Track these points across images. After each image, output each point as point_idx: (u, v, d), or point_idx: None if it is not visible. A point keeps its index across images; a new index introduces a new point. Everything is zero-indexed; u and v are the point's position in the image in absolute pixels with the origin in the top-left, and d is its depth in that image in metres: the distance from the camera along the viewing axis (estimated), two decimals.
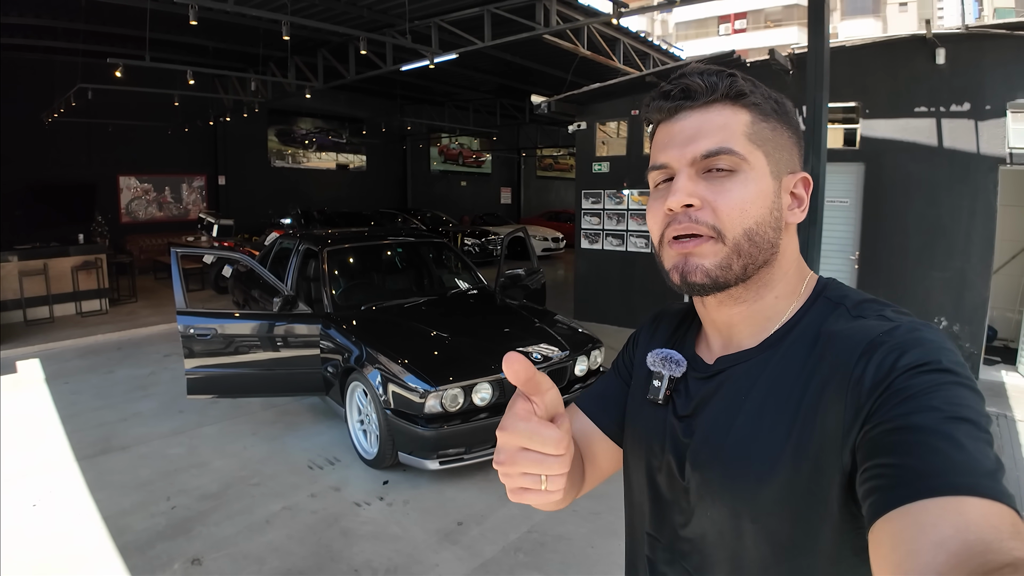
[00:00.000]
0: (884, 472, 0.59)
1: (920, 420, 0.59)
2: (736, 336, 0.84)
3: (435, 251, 6.80)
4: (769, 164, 0.78)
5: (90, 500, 3.91)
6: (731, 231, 0.76)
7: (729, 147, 0.76)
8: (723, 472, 0.77)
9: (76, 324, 8.68)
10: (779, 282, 0.81)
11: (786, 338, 0.78)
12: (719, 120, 0.78)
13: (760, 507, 0.73)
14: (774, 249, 0.79)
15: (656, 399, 0.90)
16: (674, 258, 0.80)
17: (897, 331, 0.68)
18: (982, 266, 6.30)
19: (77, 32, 10.46)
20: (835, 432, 0.67)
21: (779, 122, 0.81)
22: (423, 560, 3.34)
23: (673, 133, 0.80)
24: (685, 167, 0.78)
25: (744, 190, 0.76)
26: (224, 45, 11.87)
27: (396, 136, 21.47)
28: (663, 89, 0.81)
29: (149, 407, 5.60)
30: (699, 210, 0.76)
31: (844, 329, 0.73)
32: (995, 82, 6.08)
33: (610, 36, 10.56)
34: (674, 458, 0.85)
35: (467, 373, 4.13)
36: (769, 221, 0.78)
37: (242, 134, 16.84)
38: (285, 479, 4.25)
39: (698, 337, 0.93)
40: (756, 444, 0.74)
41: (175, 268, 4.51)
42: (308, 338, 4.87)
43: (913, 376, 0.63)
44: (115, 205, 14.72)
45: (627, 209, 8.87)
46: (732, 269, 0.77)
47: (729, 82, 0.78)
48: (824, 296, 0.80)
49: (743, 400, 0.78)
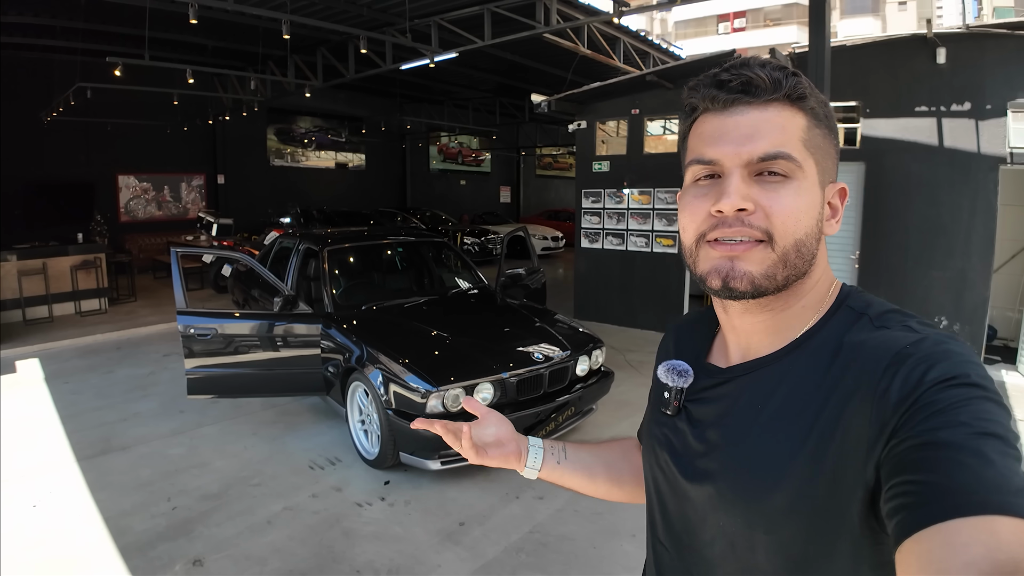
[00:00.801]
0: (911, 489, 0.57)
1: (948, 436, 0.58)
2: (755, 343, 0.82)
3: (436, 250, 6.80)
4: (819, 172, 0.76)
5: (91, 501, 3.90)
6: (783, 239, 0.73)
7: (787, 152, 0.73)
8: (736, 482, 0.76)
9: (75, 324, 8.67)
10: (808, 292, 0.79)
11: (805, 346, 0.76)
12: (778, 121, 0.74)
13: (773, 518, 0.72)
14: (812, 261, 0.76)
15: (666, 410, 0.90)
16: (715, 260, 0.76)
17: (924, 343, 0.66)
18: (982, 265, 6.30)
19: (76, 31, 10.45)
20: (857, 446, 0.65)
21: (828, 129, 0.78)
22: (425, 561, 3.33)
23: (727, 128, 0.75)
24: (738, 167, 0.74)
25: (798, 199, 0.73)
26: (223, 44, 11.86)
27: (395, 135, 21.46)
28: (718, 77, 0.76)
29: (149, 407, 5.59)
30: (751, 214, 0.73)
31: (868, 340, 0.71)
32: (996, 82, 6.08)
33: (610, 35, 10.56)
34: (686, 468, 0.84)
35: (468, 373, 4.12)
36: (814, 233, 0.75)
37: (241, 133, 16.84)
38: (286, 479, 4.24)
39: (715, 343, 0.92)
40: (771, 454, 0.72)
41: (175, 268, 4.50)
42: (309, 338, 4.86)
43: (941, 390, 0.61)
44: (114, 204, 14.71)
45: (627, 208, 8.86)
46: (776, 279, 0.74)
47: (794, 82, 0.74)
48: (847, 305, 0.78)
49: (759, 409, 0.76)
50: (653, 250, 8.68)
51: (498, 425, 1.13)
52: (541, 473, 1.12)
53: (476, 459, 1.08)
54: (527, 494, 4.05)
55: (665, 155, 8.55)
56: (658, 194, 8.52)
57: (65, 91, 11.15)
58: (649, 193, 8.60)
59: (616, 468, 1.15)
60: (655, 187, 8.53)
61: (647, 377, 4.28)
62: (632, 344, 7.96)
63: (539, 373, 4.36)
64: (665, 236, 8.55)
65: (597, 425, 5.19)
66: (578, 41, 9.38)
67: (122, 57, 8.65)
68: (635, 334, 8.60)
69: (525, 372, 4.29)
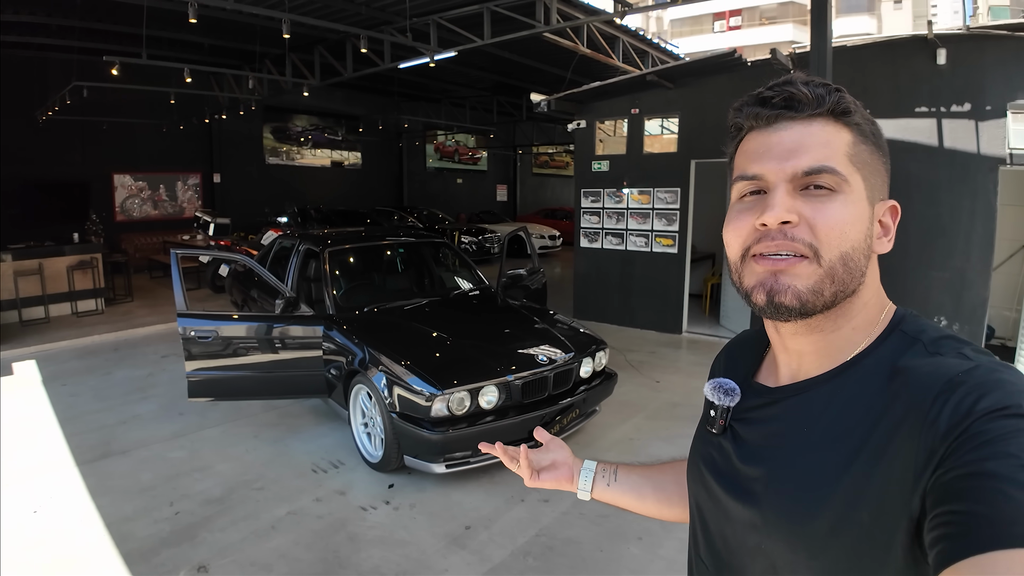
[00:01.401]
0: (954, 519, 0.57)
1: (995, 467, 0.57)
2: (806, 364, 0.80)
3: (436, 251, 6.77)
4: (866, 188, 0.75)
5: (92, 506, 3.86)
6: (828, 252, 0.71)
7: (832, 166, 0.72)
8: (780, 504, 0.75)
9: (72, 324, 8.62)
10: (859, 313, 0.77)
11: (855, 368, 0.75)
12: (822, 136, 0.74)
13: (816, 543, 0.70)
14: (861, 279, 0.75)
15: (712, 429, 0.89)
16: (760, 275, 0.75)
17: (976, 371, 0.65)
18: (982, 266, 6.31)
19: (72, 29, 10.38)
20: (904, 474, 0.64)
21: (875, 146, 0.77)
22: (432, 565, 3.31)
23: (770, 144, 0.75)
24: (783, 182, 0.73)
25: (844, 211, 0.72)
26: (221, 42, 11.81)
27: (392, 133, 21.37)
28: (761, 95, 0.77)
29: (148, 409, 5.55)
30: (796, 227, 0.72)
31: (921, 366, 0.69)
32: (996, 83, 6.08)
33: (609, 34, 10.53)
34: (729, 488, 0.83)
35: (473, 376, 4.10)
36: (863, 248, 0.74)
37: (237, 132, 16.77)
38: (289, 483, 4.22)
39: (764, 362, 0.91)
40: (816, 478, 0.71)
41: (175, 270, 4.46)
42: (310, 340, 4.83)
43: (991, 420, 0.60)
44: (110, 203, 14.61)
45: (627, 208, 8.85)
46: (823, 295, 0.73)
47: (837, 97, 0.74)
48: (900, 329, 0.76)
49: (806, 432, 0.75)
50: (653, 250, 8.67)
51: (557, 451, 1.22)
52: (593, 494, 1.19)
53: (531, 482, 1.18)
54: (532, 497, 4.03)
55: (664, 155, 8.54)
56: (657, 194, 8.51)
57: (61, 90, 11.08)
58: (649, 193, 8.59)
59: (665, 490, 1.17)
60: (654, 187, 8.52)
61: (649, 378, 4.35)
62: (632, 344, 7.96)
63: (544, 375, 4.34)
64: (665, 236, 8.54)
65: (600, 426, 5.18)
66: (578, 40, 9.35)
67: (119, 56, 8.61)
68: (634, 334, 8.60)
69: (529, 374, 4.27)
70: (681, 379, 6.53)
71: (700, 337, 8.49)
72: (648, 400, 5.86)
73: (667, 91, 8.22)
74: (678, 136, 8.39)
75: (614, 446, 4.87)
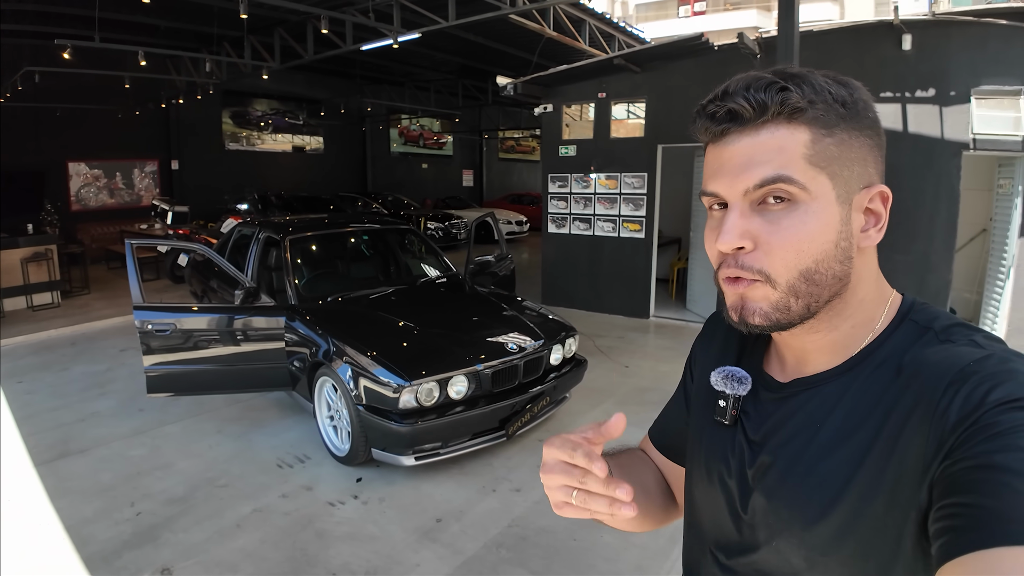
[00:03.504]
0: (961, 512, 0.56)
1: (1005, 460, 0.55)
2: (812, 360, 0.78)
3: (402, 238, 6.66)
4: (835, 188, 0.69)
5: (50, 508, 3.71)
6: (783, 276, 0.70)
7: (786, 174, 0.68)
8: (793, 500, 0.73)
9: (27, 319, 8.32)
10: (855, 312, 0.75)
11: (867, 362, 0.73)
12: (772, 143, 0.69)
13: (829, 538, 0.70)
14: (843, 282, 0.72)
15: (723, 420, 0.86)
16: (731, 297, 0.75)
17: (988, 361, 0.63)
18: (944, 249, 6.43)
19: (25, 13, 9.97)
20: (915, 466, 0.63)
21: (848, 130, 0.70)
22: (403, 560, 3.26)
23: (723, 160, 0.72)
24: (737, 201, 0.71)
25: (802, 227, 0.68)
26: (177, 24, 11.43)
27: (355, 117, 21.00)
28: (707, 109, 0.72)
29: (107, 406, 5.38)
30: (749, 253, 0.71)
31: (932, 355, 0.68)
32: (960, 68, 6.17)
33: (576, 17, 10.47)
34: (741, 482, 0.82)
35: (442, 366, 4.03)
36: (834, 255, 0.70)
37: (195, 117, 16.35)
38: (254, 479, 4.12)
39: (768, 351, 0.88)
40: (829, 473, 0.70)
41: (130, 261, 4.29)
42: (272, 331, 4.72)
43: (1002, 412, 0.58)
44: (65, 193, 14.14)
45: (594, 193, 8.83)
46: (792, 310, 0.71)
47: (781, 98, 0.68)
48: (910, 319, 0.74)
49: (818, 427, 0.74)
50: (620, 235, 8.67)
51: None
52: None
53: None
54: (504, 487, 4.00)
55: (632, 139, 8.51)
56: (625, 179, 8.50)
57: (12, 76, 10.68)
58: (616, 178, 8.57)
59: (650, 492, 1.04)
60: (622, 172, 8.50)
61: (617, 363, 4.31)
62: (600, 329, 7.96)
63: (514, 364, 4.29)
64: (632, 221, 8.53)
65: (571, 413, 5.17)
66: (544, 23, 9.27)
67: (71, 39, 8.28)
68: (602, 319, 8.61)
69: (499, 363, 4.22)
70: (650, 364, 6.55)
71: (667, 321, 8.53)
72: (617, 385, 5.86)
73: (634, 75, 8.18)
74: (645, 121, 8.37)
75: None
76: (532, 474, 4.19)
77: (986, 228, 7.31)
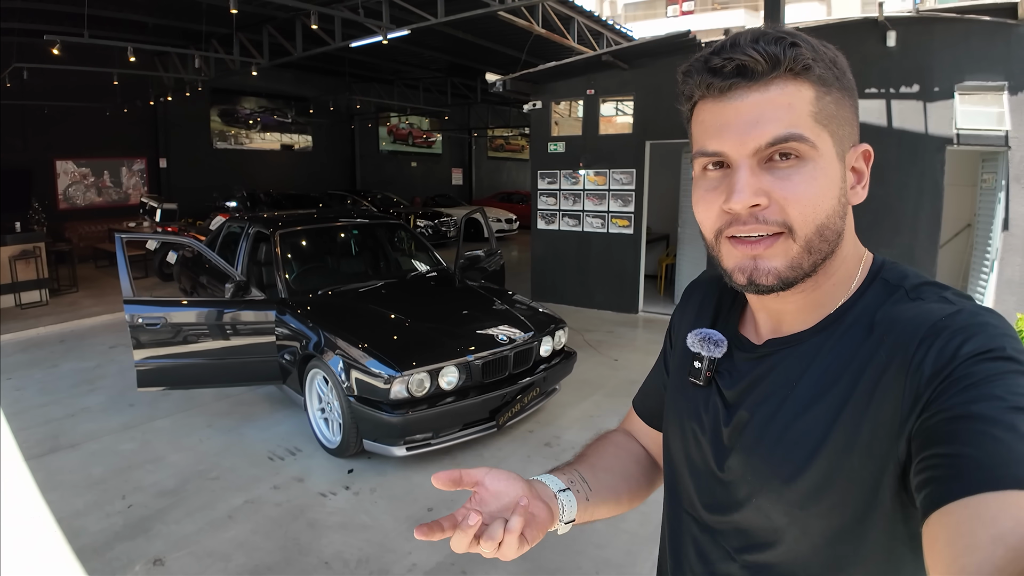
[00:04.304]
0: (942, 462, 0.57)
1: (981, 409, 0.57)
2: (788, 320, 0.79)
3: (391, 233, 6.67)
4: (835, 145, 0.70)
5: (42, 502, 3.71)
6: (803, 229, 0.69)
7: (799, 132, 0.67)
8: (771, 457, 0.74)
9: (16, 317, 8.27)
10: (839, 269, 0.76)
11: (841, 321, 0.74)
12: (783, 100, 0.68)
13: (807, 493, 0.71)
14: (840, 239, 0.73)
15: (697, 380, 0.87)
16: (738, 259, 0.72)
17: (960, 315, 0.65)
18: (929, 243, 6.50)
19: (13, 10, 9.90)
20: (891, 420, 0.65)
21: (841, 91, 0.71)
22: (395, 549, 3.28)
23: (727, 117, 0.70)
24: (746, 158, 0.69)
25: (815, 183, 0.69)
26: (165, 21, 11.38)
27: (344, 115, 20.97)
28: (711, 63, 0.70)
29: (97, 401, 5.37)
30: (765, 208, 0.69)
31: (904, 312, 0.69)
32: (944, 65, 6.23)
33: (564, 14, 10.49)
34: (718, 441, 0.83)
35: (432, 357, 4.06)
36: (838, 211, 0.71)
37: (184, 115, 16.28)
38: (245, 471, 4.13)
39: (743, 314, 0.89)
40: (806, 430, 0.71)
41: (121, 255, 4.29)
42: (262, 325, 4.72)
43: (976, 363, 0.60)
44: (52, 191, 14.05)
45: (583, 189, 8.87)
46: (802, 268, 0.71)
47: (794, 53, 0.67)
48: (881, 277, 0.76)
49: (794, 385, 0.75)
50: (609, 231, 8.71)
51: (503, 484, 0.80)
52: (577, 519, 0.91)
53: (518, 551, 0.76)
54: None
55: (620, 136, 8.57)
56: (613, 175, 8.54)
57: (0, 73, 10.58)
58: (605, 174, 8.62)
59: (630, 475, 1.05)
60: (610, 168, 8.54)
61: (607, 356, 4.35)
62: (589, 324, 8.01)
63: (504, 355, 4.32)
64: (621, 217, 8.58)
65: (560, 405, 5.20)
66: (533, 20, 9.29)
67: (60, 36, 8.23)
68: (592, 314, 8.65)
69: (490, 354, 4.25)
70: (639, 357, 6.60)
71: (656, 316, 8.57)
72: (607, 378, 5.90)
73: (622, 72, 8.23)
74: (633, 117, 8.41)
75: (574, 423, 4.90)
76: (522, 464, 4.22)
77: (971, 223, 7.40)
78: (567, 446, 4.48)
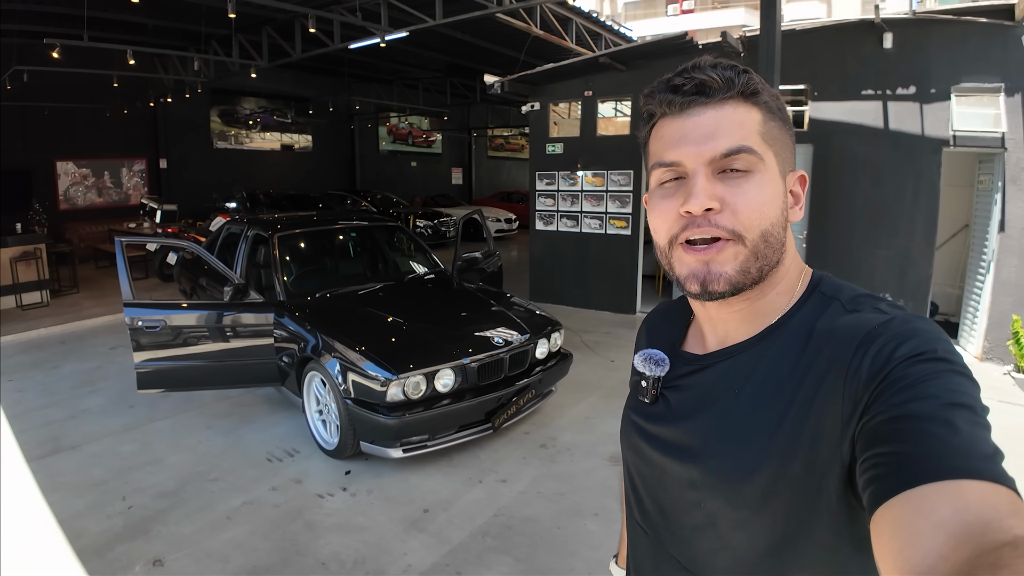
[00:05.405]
0: (883, 461, 0.60)
1: (917, 408, 0.60)
2: (732, 331, 0.84)
3: (390, 235, 6.70)
4: (778, 163, 0.78)
5: (43, 502, 3.76)
6: (750, 233, 0.75)
7: (749, 146, 0.75)
8: (717, 465, 0.78)
9: (17, 318, 8.31)
10: (782, 279, 0.81)
11: (779, 332, 0.79)
12: (735, 118, 0.76)
13: (754, 498, 0.74)
14: (782, 249, 0.79)
15: (644, 398, 0.92)
16: (691, 265, 0.78)
17: (893, 323, 0.69)
18: (925, 244, 6.53)
19: (13, 13, 9.93)
20: (832, 425, 0.68)
21: (782, 121, 0.80)
22: (391, 550, 3.32)
23: (686, 130, 0.77)
24: (702, 167, 0.76)
25: (762, 191, 0.76)
26: (164, 23, 11.41)
27: (343, 115, 20.99)
28: (672, 82, 0.78)
29: (98, 403, 5.41)
30: (718, 213, 0.75)
31: (840, 323, 0.73)
32: (940, 66, 6.26)
33: (563, 16, 10.52)
34: (665, 453, 0.87)
35: (428, 359, 4.10)
36: (780, 221, 0.78)
37: (183, 116, 16.30)
38: (244, 473, 4.17)
39: (689, 331, 0.95)
40: (750, 436, 0.75)
41: (120, 258, 4.33)
42: (261, 327, 4.76)
43: (910, 365, 0.64)
44: (52, 192, 14.06)
45: (581, 190, 8.90)
46: (751, 273, 0.76)
47: (746, 79, 0.77)
48: (819, 291, 0.80)
49: (736, 394, 0.79)
50: (607, 232, 8.74)
51: None
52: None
53: None
54: (490, 478, 4.07)
55: (618, 137, 8.59)
56: (611, 176, 8.57)
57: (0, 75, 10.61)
58: (603, 175, 8.65)
59: None
60: (608, 169, 8.57)
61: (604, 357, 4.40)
62: (587, 325, 8.04)
63: (500, 357, 4.36)
64: (618, 218, 8.61)
65: (557, 406, 5.24)
66: (531, 21, 9.32)
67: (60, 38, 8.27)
68: (590, 315, 8.68)
69: (486, 357, 4.29)
70: None
71: None
72: (603, 379, 5.93)
73: (620, 73, 8.26)
74: (631, 119, 8.45)
75: (570, 425, 4.93)
76: (518, 466, 4.26)
77: (968, 224, 7.43)
78: (563, 448, 4.52)
